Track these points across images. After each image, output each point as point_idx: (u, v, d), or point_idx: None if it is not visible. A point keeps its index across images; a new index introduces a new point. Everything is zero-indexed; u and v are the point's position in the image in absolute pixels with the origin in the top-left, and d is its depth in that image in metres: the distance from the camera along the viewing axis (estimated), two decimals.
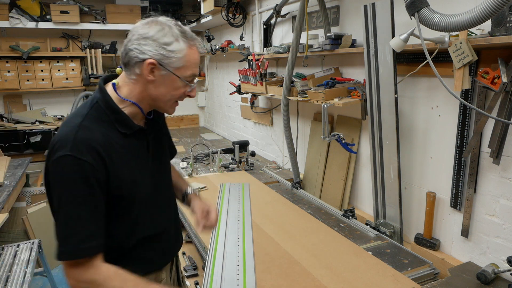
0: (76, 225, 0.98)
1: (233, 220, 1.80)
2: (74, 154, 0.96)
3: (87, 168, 0.97)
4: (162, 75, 1.06)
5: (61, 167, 0.97)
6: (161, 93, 1.09)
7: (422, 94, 1.92)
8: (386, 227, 2.02)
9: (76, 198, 0.98)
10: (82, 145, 0.98)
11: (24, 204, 3.53)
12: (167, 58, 1.04)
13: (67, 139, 0.98)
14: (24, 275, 2.27)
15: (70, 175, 0.97)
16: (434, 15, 1.38)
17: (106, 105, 1.07)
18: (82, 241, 0.98)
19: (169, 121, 5.67)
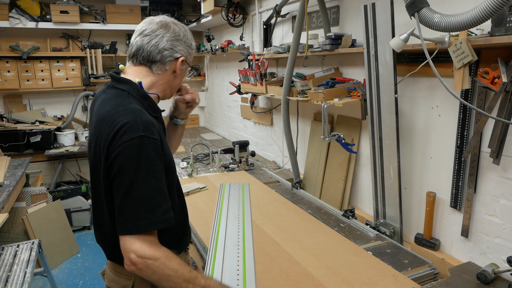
0: (160, 196, 1.07)
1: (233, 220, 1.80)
2: (147, 135, 1.06)
3: (158, 145, 1.09)
4: (183, 69, 1.27)
5: (137, 146, 1.04)
6: (177, 84, 1.31)
7: (422, 94, 1.92)
8: (386, 227, 2.02)
9: (155, 173, 1.07)
10: (151, 126, 1.08)
11: (24, 204, 3.53)
12: (190, 55, 1.27)
13: (136, 122, 1.06)
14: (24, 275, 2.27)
15: (147, 153, 1.05)
16: (434, 15, 1.38)
17: (138, 93, 1.18)
18: (166, 212, 1.07)
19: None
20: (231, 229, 1.69)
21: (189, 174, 2.94)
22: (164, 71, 1.22)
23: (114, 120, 1.07)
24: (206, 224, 2.04)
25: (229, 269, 1.39)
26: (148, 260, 1.03)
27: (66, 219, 3.78)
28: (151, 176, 1.05)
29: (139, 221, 1.03)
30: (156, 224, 1.05)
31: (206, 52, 4.66)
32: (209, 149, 3.69)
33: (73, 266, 3.57)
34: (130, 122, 1.05)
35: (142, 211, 1.03)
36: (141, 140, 1.04)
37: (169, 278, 1.04)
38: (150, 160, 1.05)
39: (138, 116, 1.07)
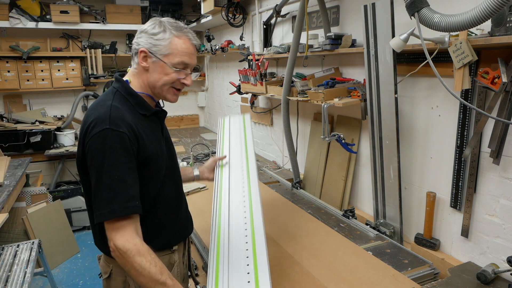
0: (122, 187, 1.10)
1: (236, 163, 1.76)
2: (113, 127, 1.10)
3: (125, 138, 1.11)
4: (153, 62, 1.21)
5: (102, 139, 1.09)
6: (155, 79, 1.23)
7: (422, 94, 1.92)
8: (386, 227, 2.02)
9: (119, 164, 1.10)
10: (118, 120, 1.12)
11: (24, 204, 3.53)
12: (155, 46, 1.20)
13: (104, 117, 1.11)
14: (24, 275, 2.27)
15: (111, 145, 1.09)
16: (434, 15, 1.38)
17: (126, 91, 1.23)
18: (128, 201, 1.10)
19: (169, 121, 5.67)
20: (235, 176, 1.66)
21: None
22: (138, 65, 1.24)
23: (89, 116, 1.15)
24: (206, 224, 2.04)
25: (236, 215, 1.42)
26: (120, 250, 1.07)
27: (66, 219, 3.78)
28: (114, 167, 1.09)
29: (102, 210, 1.09)
30: (116, 212, 1.08)
31: (206, 52, 4.66)
32: (209, 149, 3.69)
33: (73, 266, 3.57)
34: (98, 117, 1.12)
35: (105, 200, 1.09)
36: (105, 132, 1.09)
37: (136, 273, 1.08)
38: (114, 152, 1.09)
39: (108, 111, 1.13)
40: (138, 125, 1.18)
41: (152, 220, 1.27)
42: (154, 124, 1.29)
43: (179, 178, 1.44)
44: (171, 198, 1.34)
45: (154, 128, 1.28)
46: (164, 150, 1.31)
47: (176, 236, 1.39)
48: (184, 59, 1.22)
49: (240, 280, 1.19)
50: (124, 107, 1.19)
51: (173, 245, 1.36)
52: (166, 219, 1.32)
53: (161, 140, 1.31)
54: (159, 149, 1.26)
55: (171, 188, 1.34)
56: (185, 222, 1.45)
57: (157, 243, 1.27)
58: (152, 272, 1.07)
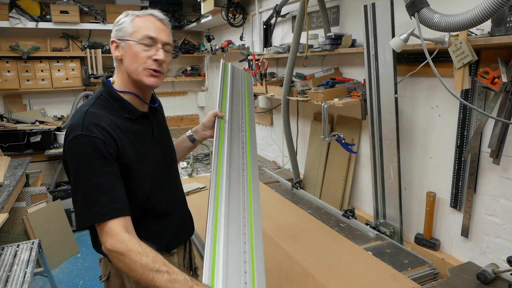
0: (97, 192, 1.07)
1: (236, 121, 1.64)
2: (85, 133, 1.08)
3: (98, 142, 1.08)
4: (123, 47, 1.19)
5: (75, 145, 1.08)
6: (128, 63, 1.19)
7: (422, 94, 1.92)
8: (386, 227, 2.02)
9: (93, 169, 1.07)
10: (91, 125, 1.10)
11: (24, 204, 3.53)
12: (119, 31, 1.19)
13: (78, 123, 1.10)
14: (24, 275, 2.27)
15: (84, 150, 1.07)
16: (434, 15, 1.38)
17: (109, 94, 1.20)
18: (105, 206, 1.07)
19: (169, 121, 5.66)
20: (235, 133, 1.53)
21: (189, 174, 2.94)
22: (116, 61, 1.22)
23: (69, 122, 1.17)
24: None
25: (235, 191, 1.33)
26: (111, 252, 1.06)
27: (66, 219, 3.77)
28: (88, 173, 1.07)
29: (81, 217, 1.08)
30: (94, 219, 1.06)
31: (206, 52, 4.66)
32: (209, 149, 3.69)
33: (73, 266, 3.56)
34: (73, 124, 1.11)
35: (82, 207, 1.08)
36: (78, 139, 1.08)
37: (129, 270, 1.05)
38: (87, 157, 1.07)
39: (82, 117, 1.11)
40: (120, 129, 1.15)
41: (146, 225, 1.24)
42: (142, 127, 1.24)
43: (176, 181, 1.40)
44: (165, 203, 1.30)
45: (142, 132, 1.23)
46: (155, 153, 1.26)
47: (173, 239, 1.35)
48: (148, 32, 1.18)
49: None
50: (105, 111, 1.16)
51: (170, 249, 1.33)
52: (160, 223, 1.28)
53: (152, 143, 1.26)
54: (145, 153, 1.22)
55: (164, 192, 1.30)
56: (184, 225, 1.41)
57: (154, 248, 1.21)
58: (144, 262, 1.03)
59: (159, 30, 1.21)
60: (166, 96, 5.67)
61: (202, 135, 1.59)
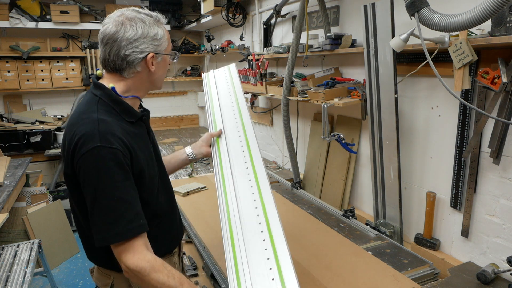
0: (123, 207, 1.04)
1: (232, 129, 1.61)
2: (104, 144, 1.03)
3: (119, 154, 1.05)
4: (159, 62, 1.19)
5: (94, 158, 1.02)
6: (160, 75, 1.23)
7: (422, 94, 1.92)
8: (386, 227, 2.02)
9: (116, 183, 1.03)
10: (109, 135, 1.05)
11: (24, 204, 3.53)
12: (160, 46, 1.18)
13: (93, 132, 1.04)
14: (24, 275, 2.27)
15: (105, 163, 1.02)
16: (434, 15, 1.38)
17: (110, 98, 1.15)
18: (131, 221, 1.04)
19: (169, 121, 5.68)
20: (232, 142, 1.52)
21: (189, 174, 2.94)
22: (137, 73, 1.16)
23: (75, 130, 1.07)
24: (206, 224, 2.04)
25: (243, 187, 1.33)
26: (133, 270, 1.03)
27: (66, 219, 3.77)
28: (111, 187, 1.03)
29: (105, 233, 1.03)
30: (122, 235, 1.03)
31: (206, 52, 4.66)
32: None
33: (73, 266, 3.56)
34: (87, 133, 1.04)
35: (106, 223, 1.03)
36: (98, 151, 1.02)
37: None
38: (109, 170, 1.03)
39: (96, 126, 1.05)
40: (129, 135, 1.12)
41: (153, 229, 1.21)
42: (141, 128, 1.23)
43: (168, 180, 1.38)
44: (166, 204, 1.30)
45: (142, 134, 1.23)
46: (153, 155, 1.26)
47: (174, 239, 1.37)
48: (170, 41, 1.24)
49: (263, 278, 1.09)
50: (111, 117, 1.11)
51: (172, 249, 1.35)
52: (164, 224, 1.28)
53: (149, 144, 1.26)
54: (149, 156, 1.21)
55: (164, 194, 1.30)
56: (180, 224, 1.42)
57: (160, 249, 1.23)
58: (172, 285, 1.04)
59: None
60: (166, 96, 5.67)
61: (203, 152, 1.59)
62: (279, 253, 1.11)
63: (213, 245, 1.80)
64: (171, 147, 4.19)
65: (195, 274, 1.76)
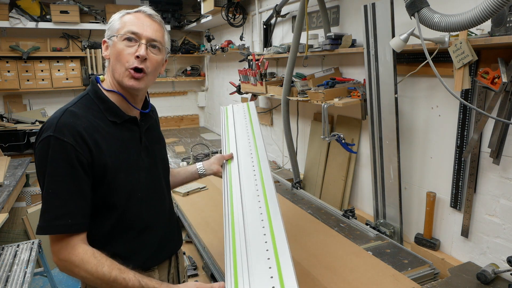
0: (53, 202, 1.01)
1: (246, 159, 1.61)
2: (56, 135, 1.01)
3: (68, 148, 1.01)
4: (110, 46, 1.14)
5: (45, 147, 1.01)
6: (113, 63, 1.13)
7: (422, 94, 1.92)
8: (386, 227, 2.02)
9: (55, 176, 1.01)
10: (65, 127, 1.02)
11: (24, 204, 3.53)
12: (109, 30, 1.15)
13: (52, 122, 1.03)
14: (24, 275, 2.27)
15: (51, 154, 1.01)
16: (434, 15, 1.38)
17: (95, 94, 1.13)
18: (56, 218, 1.01)
19: (169, 121, 5.68)
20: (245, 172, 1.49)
21: None
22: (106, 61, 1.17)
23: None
24: (206, 224, 2.04)
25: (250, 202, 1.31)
26: (64, 262, 1.03)
27: None
28: (50, 179, 1.01)
29: (39, 222, 1.02)
30: (44, 229, 1.01)
31: (206, 52, 4.66)
32: (209, 149, 3.69)
33: None
34: (48, 123, 1.04)
35: (41, 212, 1.02)
36: (48, 140, 1.01)
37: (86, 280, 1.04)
38: (53, 162, 1.00)
39: (58, 116, 1.04)
40: (100, 133, 1.06)
41: (122, 240, 1.15)
42: (128, 132, 1.15)
43: (161, 194, 1.28)
44: (148, 216, 1.19)
45: (127, 137, 1.14)
46: (142, 161, 1.17)
47: (155, 256, 1.24)
48: (131, 27, 1.10)
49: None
50: (87, 112, 1.08)
51: (150, 266, 1.23)
52: (140, 238, 1.18)
53: (134, 150, 1.16)
54: (127, 161, 1.12)
55: (148, 205, 1.19)
56: (169, 239, 1.30)
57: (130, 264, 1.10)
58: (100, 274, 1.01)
59: (145, 25, 1.12)
60: (166, 96, 5.67)
61: (214, 170, 1.53)
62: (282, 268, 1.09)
63: (213, 245, 1.81)
64: (171, 147, 4.20)
65: (195, 274, 1.77)
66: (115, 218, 1.13)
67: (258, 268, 1.05)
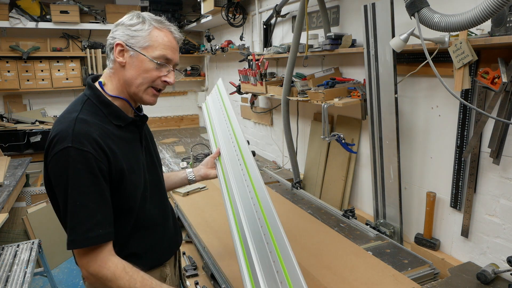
0: (83, 214, 0.99)
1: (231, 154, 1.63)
2: (76, 146, 0.98)
3: (90, 158, 0.99)
4: (131, 56, 1.09)
5: (64, 159, 0.98)
6: (132, 75, 1.09)
7: (422, 94, 1.92)
8: (386, 227, 2.02)
9: (81, 187, 0.99)
10: (82, 136, 0.99)
11: (24, 204, 3.53)
12: (133, 38, 1.08)
13: (67, 132, 0.99)
14: (24, 275, 2.27)
15: (73, 166, 0.98)
16: (434, 15, 1.38)
17: (98, 99, 1.10)
18: (90, 230, 0.99)
19: (169, 121, 5.68)
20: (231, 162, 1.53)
21: None
22: (113, 64, 1.11)
23: (53, 128, 1.04)
24: (206, 224, 2.04)
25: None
26: (95, 277, 1.02)
27: None
28: (76, 192, 0.98)
29: (68, 238, 1.01)
30: (78, 243, 1.00)
31: (206, 52, 4.66)
32: (209, 149, 3.69)
33: (73, 266, 3.56)
34: (61, 133, 1.00)
35: (69, 229, 1.01)
36: (67, 151, 0.97)
37: None
38: (76, 174, 0.98)
39: (72, 126, 1.00)
40: (111, 138, 1.07)
41: (139, 239, 1.19)
42: (131, 134, 1.17)
43: (163, 191, 1.34)
44: (156, 214, 1.24)
45: (131, 139, 1.16)
46: (143, 162, 1.20)
47: (166, 251, 1.31)
48: (165, 52, 1.10)
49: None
50: (95, 118, 1.07)
51: (163, 261, 1.30)
52: (153, 236, 1.23)
53: (139, 152, 1.19)
54: (136, 163, 1.15)
55: (155, 203, 1.24)
56: (174, 235, 1.37)
57: (147, 262, 1.20)
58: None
59: (175, 50, 1.13)
60: (166, 96, 5.67)
61: (202, 174, 1.55)
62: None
63: (213, 245, 1.81)
64: (171, 147, 4.20)
65: (195, 274, 1.77)
66: (128, 219, 1.14)
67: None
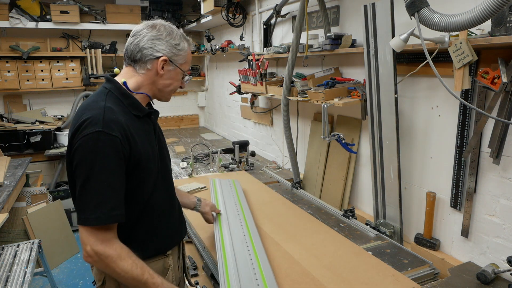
0: (109, 193, 1.08)
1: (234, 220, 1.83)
2: (106, 131, 1.08)
3: (117, 142, 1.09)
4: (170, 70, 1.26)
5: (94, 141, 1.07)
6: (165, 84, 1.28)
7: (422, 94, 1.92)
8: (386, 227, 2.02)
9: (108, 169, 1.08)
10: (112, 122, 1.10)
11: (24, 204, 3.53)
12: (176, 56, 1.26)
13: (98, 118, 1.09)
14: (24, 275, 2.27)
15: (103, 148, 1.07)
16: (434, 15, 1.38)
17: (119, 91, 1.21)
18: (114, 208, 1.09)
19: (169, 121, 5.68)
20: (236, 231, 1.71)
21: (189, 174, 2.94)
22: (147, 70, 1.24)
23: (82, 114, 1.12)
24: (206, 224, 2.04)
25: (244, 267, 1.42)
26: (100, 255, 1.08)
27: (66, 219, 3.78)
28: (104, 172, 1.07)
29: (88, 214, 1.07)
30: (101, 219, 1.07)
31: (206, 52, 4.66)
32: (209, 149, 3.69)
33: (73, 266, 3.57)
34: (92, 117, 1.09)
35: (91, 205, 1.07)
36: (98, 135, 1.07)
37: (119, 276, 1.10)
38: (105, 156, 1.07)
39: (102, 112, 1.10)
40: (131, 126, 1.17)
41: (144, 224, 1.25)
42: (147, 125, 1.27)
43: (171, 181, 1.42)
44: (163, 202, 1.32)
45: (147, 129, 1.27)
46: (156, 151, 1.29)
47: (170, 240, 1.37)
48: (190, 65, 1.35)
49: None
50: (118, 108, 1.17)
51: (166, 250, 1.35)
52: (159, 223, 1.30)
53: (154, 141, 1.29)
54: (151, 151, 1.24)
55: (163, 191, 1.32)
56: (179, 226, 1.43)
57: (151, 249, 1.28)
58: (135, 275, 1.10)
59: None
60: None
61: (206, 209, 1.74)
62: None
63: (213, 245, 1.81)
64: (171, 147, 4.20)
65: (195, 274, 1.77)
66: (138, 204, 1.22)
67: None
